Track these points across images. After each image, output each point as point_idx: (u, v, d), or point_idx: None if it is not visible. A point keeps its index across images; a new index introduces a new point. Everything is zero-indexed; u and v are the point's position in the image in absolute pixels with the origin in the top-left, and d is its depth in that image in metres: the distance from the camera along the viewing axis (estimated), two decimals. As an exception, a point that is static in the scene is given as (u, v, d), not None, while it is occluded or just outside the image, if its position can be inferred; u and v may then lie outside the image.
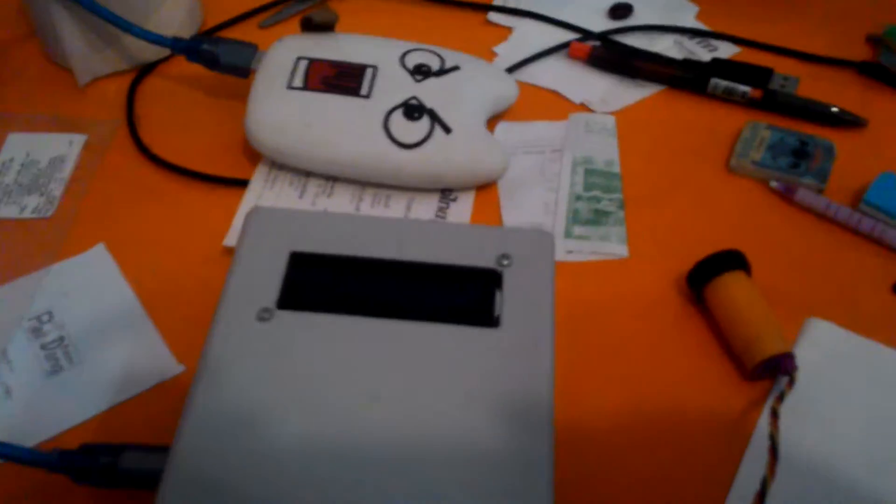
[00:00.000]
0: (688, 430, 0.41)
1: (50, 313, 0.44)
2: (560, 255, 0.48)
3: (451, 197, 0.51)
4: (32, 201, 0.49)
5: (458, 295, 0.39)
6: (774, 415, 0.36)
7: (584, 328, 0.45)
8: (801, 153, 0.52)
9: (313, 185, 0.51)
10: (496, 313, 0.38)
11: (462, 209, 0.50)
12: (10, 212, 0.49)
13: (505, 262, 0.40)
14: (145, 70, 0.58)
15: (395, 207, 0.50)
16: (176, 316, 0.44)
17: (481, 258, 0.41)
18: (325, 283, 0.39)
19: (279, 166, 0.51)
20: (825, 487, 0.38)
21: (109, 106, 0.56)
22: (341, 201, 0.50)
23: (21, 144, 0.52)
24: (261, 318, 0.38)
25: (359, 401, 0.35)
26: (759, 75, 0.56)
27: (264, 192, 0.50)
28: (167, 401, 0.41)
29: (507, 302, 0.39)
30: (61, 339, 0.43)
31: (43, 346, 0.43)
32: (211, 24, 0.62)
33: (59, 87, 0.57)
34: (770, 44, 0.61)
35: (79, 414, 0.40)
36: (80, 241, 0.48)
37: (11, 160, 0.51)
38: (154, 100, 0.56)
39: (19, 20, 0.62)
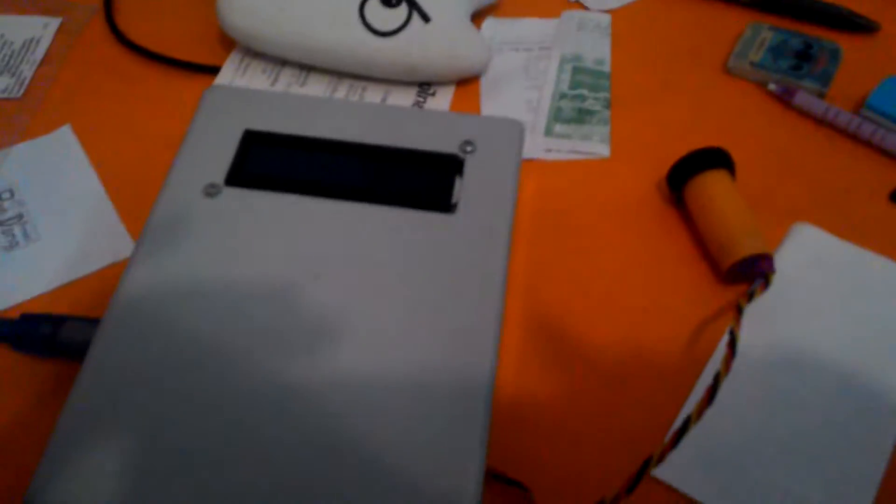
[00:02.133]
0: (657, 332, 0.39)
1: (11, 191, 0.43)
2: (539, 153, 0.46)
3: (430, 91, 0.48)
4: (2, 82, 0.48)
5: (416, 179, 0.38)
6: (738, 311, 0.34)
7: (557, 227, 0.43)
8: (804, 55, 0.49)
9: (287, 74, 0.49)
10: (453, 200, 0.37)
11: (440, 103, 0.48)
12: (-22, 92, 0.48)
13: (468, 149, 0.38)
14: (126, -44, 0.56)
15: (371, 99, 0.48)
16: (136, 199, 0.43)
17: (443, 144, 0.39)
18: (277, 162, 0.38)
19: (253, 54, 0.49)
20: (791, 390, 0.36)
21: (87, -9, 0.54)
22: (315, 91, 0.48)
23: (-7, 25, 0.51)
24: (207, 194, 0.36)
25: (299, 279, 0.34)
26: (768, -25, 0.53)
27: (235, 78, 0.48)
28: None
29: (466, 189, 0.37)
30: (20, 216, 0.42)
31: (0, 223, 0.42)
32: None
33: (38, -29, 0.55)
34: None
35: (31, 289, 0.40)
36: (46, 122, 0.47)
37: (-18, 40, 0.50)
38: (133, -14, 0.55)
39: None
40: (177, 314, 0.33)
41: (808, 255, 0.41)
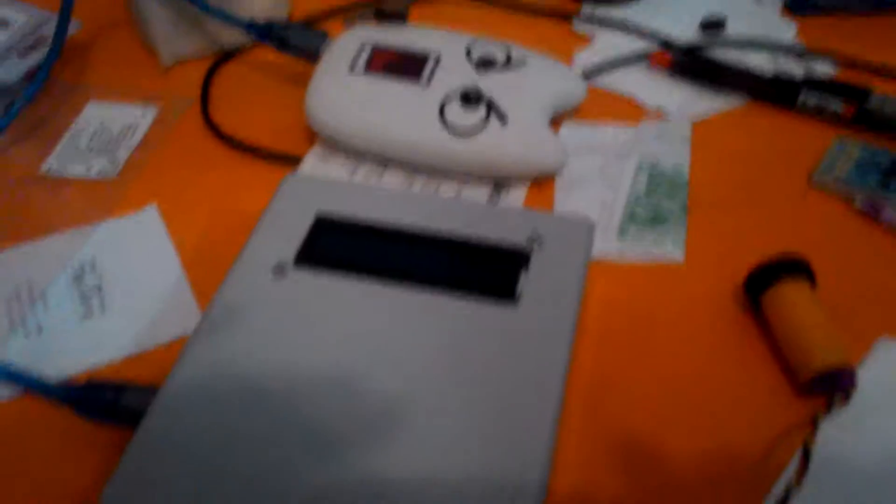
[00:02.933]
0: (729, 446, 0.36)
1: (93, 263, 0.45)
2: (610, 254, 0.45)
3: (504, 188, 0.49)
4: (99, 163, 0.51)
5: (481, 270, 0.37)
6: (814, 423, 0.32)
7: (625, 331, 0.41)
8: (892, 171, 0.47)
9: (365, 168, 0.50)
10: (517, 292, 0.36)
11: (513, 201, 0.48)
12: (77, 171, 0.51)
13: (536, 245, 0.38)
14: (227, 56, 0.60)
15: (445, 194, 0.48)
16: (211, 277, 0.44)
17: (512, 237, 0.39)
18: (346, 246, 0.38)
19: (334, 147, 0.51)
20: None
21: (187, 85, 0.57)
22: (392, 184, 0.49)
23: (98, 112, 0.55)
24: (276, 274, 0.37)
25: (357, 366, 0.34)
26: (855, 95, 0.52)
27: (315, 169, 0.50)
28: (185, 355, 0.41)
29: (532, 283, 0.37)
30: (98, 287, 0.44)
31: (80, 293, 0.43)
32: (297, 17, 0.64)
33: (145, 67, 0.59)
34: (873, 62, 0.56)
35: (101, 357, 0.41)
36: (135, 200, 0.49)
37: (88, 125, 0.54)
38: (230, 82, 0.58)
39: (117, 5, 0.65)
40: (232, 392, 0.33)
41: (892, 373, 0.38)
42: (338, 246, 0.38)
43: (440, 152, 0.48)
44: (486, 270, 0.37)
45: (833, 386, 0.36)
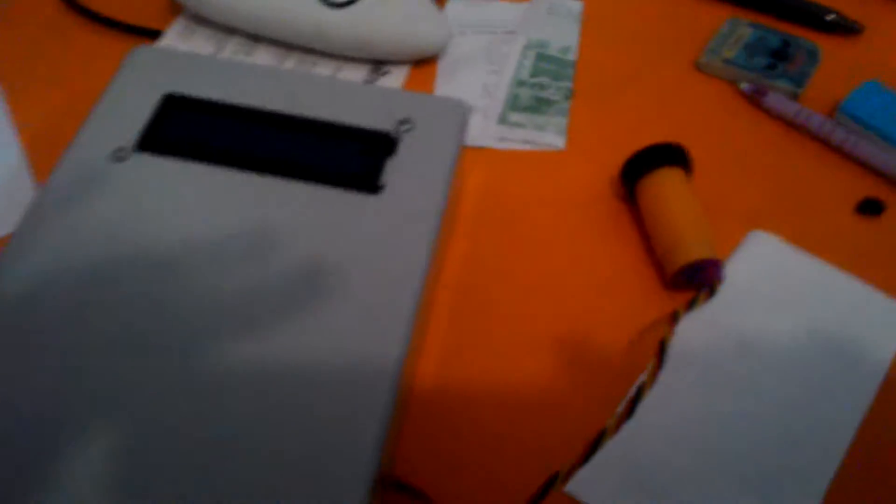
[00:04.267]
0: (594, 337, 0.36)
1: (-75, 148, 0.41)
2: (490, 141, 0.43)
3: (382, 70, 0.46)
4: (-68, 34, 0.46)
5: (344, 156, 0.35)
6: (674, 319, 0.32)
7: (501, 219, 0.40)
8: (780, 54, 0.46)
9: (233, 43, 0.46)
10: (381, 181, 0.34)
11: (392, 83, 0.45)
12: None
13: (405, 128, 0.36)
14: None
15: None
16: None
17: (379, 121, 0.36)
18: (196, 129, 0.35)
19: (199, 20, 0.47)
20: (731, 410, 0.34)
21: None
22: (261, 62, 0.45)
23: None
24: (116, 158, 0.34)
25: (205, 255, 0.31)
26: (752, -30, 0.50)
27: (177, 44, 0.46)
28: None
29: (397, 170, 0.34)
30: (-70, 175, 0.40)
31: None
32: None
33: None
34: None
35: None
36: (-25, 78, 0.44)
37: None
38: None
39: None
40: (61, 283, 0.30)
41: (762, 265, 0.38)
42: (187, 129, 0.35)
43: (314, 25, 0.44)
44: (349, 158, 0.35)
45: (699, 279, 0.36)
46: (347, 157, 0.35)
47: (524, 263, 0.38)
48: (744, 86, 0.45)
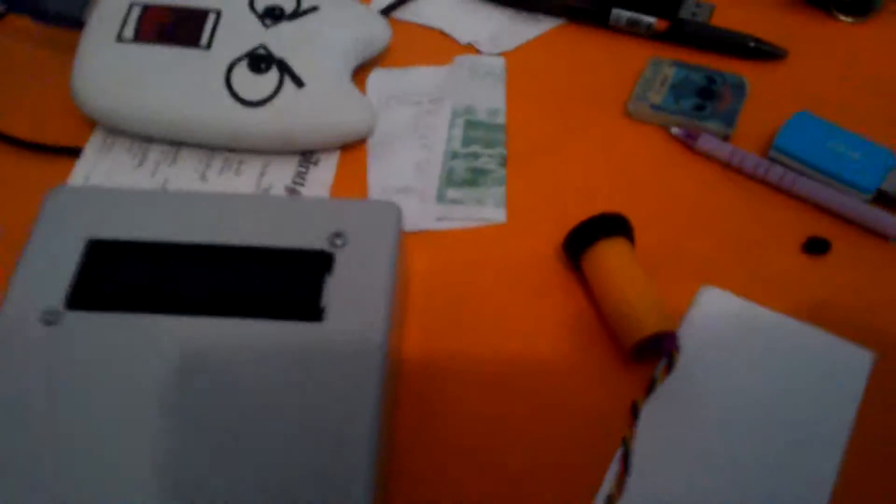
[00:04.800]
0: (561, 420, 0.36)
1: None
2: (430, 223, 0.42)
3: (312, 160, 0.45)
4: None
5: (281, 283, 0.34)
6: (634, 413, 0.32)
7: (451, 305, 0.39)
8: (708, 93, 0.46)
9: (155, 152, 0.45)
10: (322, 304, 0.33)
11: (323, 173, 0.44)
12: None
13: (339, 242, 0.35)
14: (-20, 25, 0.52)
15: (248, 173, 0.44)
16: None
17: (311, 238, 0.35)
18: (125, 276, 0.34)
19: (117, 131, 0.45)
20: (701, 481, 0.34)
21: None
22: (186, 169, 0.44)
23: None
24: (46, 322, 0.32)
25: (154, 417, 0.30)
26: (669, 2, 0.50)
27: (98, 161, 0.44)
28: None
29: (337, 290, 0.34)
30: None
31: None
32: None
33: None
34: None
35: None
36: None
37: None
38: (-12, 59, 0.50)
39: None
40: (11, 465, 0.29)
41: (716, 325, 0.38)
42: (116, 278, 0.34)
43: (233, 127, 0.43)
44: (287, 285, 0.34)
45: (657, 350, 0.36)
46: (284, 284, 0.34)
47: (479, 346, 0.38)
48: (674, 130, 0.45)
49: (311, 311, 0.33)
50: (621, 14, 0.49)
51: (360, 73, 0.48)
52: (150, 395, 0.31)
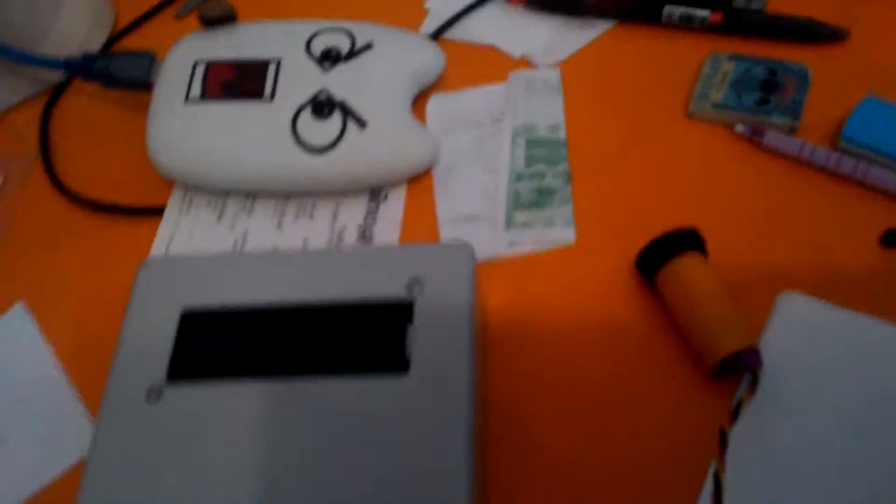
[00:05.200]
0: (648, 445, 0.36)
1: (-29, 389, 0.42)
2: (501, 249, 0.43)
3: (381, 196, 0.46)
4: (-51, 262, 0.47)
5: (366, 337, 0.35)
6: (722, 443, 0.32)
7: (527, 332, 0.40)
8: (770, 85, 0.45)
9: (232, 205, 0.47)
10: (406, 355, 0.35)
11: (393, 209, 0.46)
12: (-72, 277, 0.47)
13: (417, 289, 0.36)
14: (57, 92, 0.54)
15: (321, 217, 0.46)
16: (99, 379, 0.41)
17: (390, 287, 0.36)
18: (218, 343, 0.36)
19: (195, 188, 0.47)
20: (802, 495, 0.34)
21: (23, 137, 0.52)
22: (263, 219, 0.46)
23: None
24: (150, 399, 0.35)
25: (260, 481, 0.32)
26: (720, -5, 0.49)
27: (181, 217, 0.47)
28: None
29: (420, 338, 0.35)
30: (-17, 418, 0.41)
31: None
32: (125, 21, 0.58)
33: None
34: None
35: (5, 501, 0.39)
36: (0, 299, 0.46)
37: (-76, 219, 0.49)
38: (69, 124, 0.53)
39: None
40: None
41: (799, 333, 0.38)
42: (210, 348, 0.36)
43: (303, 174, 0.45)
44: (372, 339, 0.35)
45: (740, 367, 0.36)
46: (369, 338, 0.35)
47: (561, 377, 0.39)
48: (739, 128, 0.44)
49: (397, 363, 0.34)
50: (674, 10, 0.49)
51: (418, 101, 0.49)
52: (247, 459, 0.33)
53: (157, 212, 0.47)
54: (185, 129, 0.45)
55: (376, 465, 0.32)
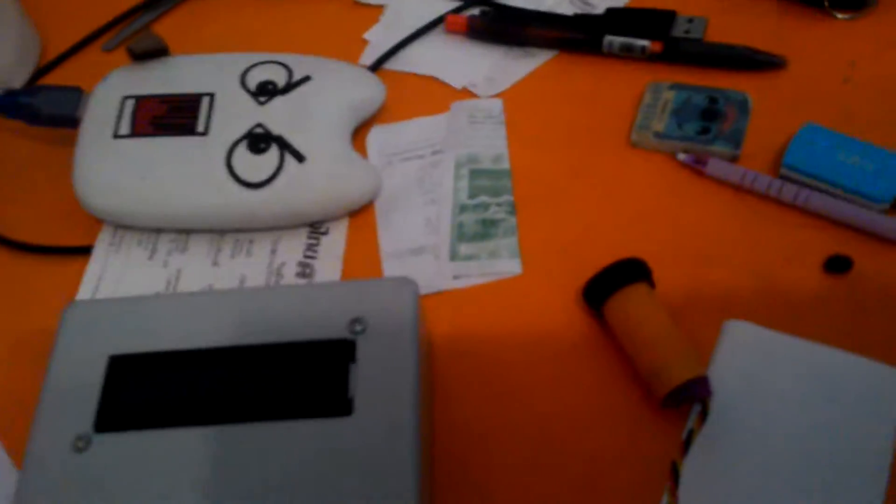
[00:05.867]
0: (597, 476, 0.36)
1: None
2: (446, 283, 0.42)
3: (322, 230, 0.45)
4: None
5: (306, 379, 0.34)
6: (674, 476, 0.31)
7: (474, 365, 0.39)
8: (711, 114, 0.45)
9: (165, 242, 0.45)
10: (349, 396, 0.33)
11: (334, 242, 0.44)
12: None
13: (358, 328, 0.35)
14: (-23, 129, 0.52)
15: (259, 253, 0.44)
16: (25, 423, 0.39)
17: (331, 327, 0.35)
18: (149, 390, 0.34)
19: (125, 226, 0.45)
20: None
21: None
22: (198, 255, 0.44)
23: None
24: (77, 449, 0.33)
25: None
26: (660, 21, 0.49)
27: (110, 257, 0.44)
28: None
29: (363, 378, 0.34)
30: None
31: None
32: (51, 55, 0.56)
33: None
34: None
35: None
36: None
37: None
38: (-10, 162, 0.50)
39: None
40: None
41: (746, 360, 0.37)
42: (140, 394, 0.34)
43: (239, 210, 0.43)
44: (313, 381, 0.34)
45: (689, 397, 0.35)
46: (310, 380, 0.34)
47: (509, 409, 0.38)
48: (681, 157, 0.44)
49: (339, 405, 0.33)
50: (614, 40, 0.49)
51: (359, 133, 0.48)
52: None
53: (85, 251, 0.45)
54: (113, 166, 0.43)
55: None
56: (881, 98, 0.45)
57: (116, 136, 0.44)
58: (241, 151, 0.43)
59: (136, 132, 0.44)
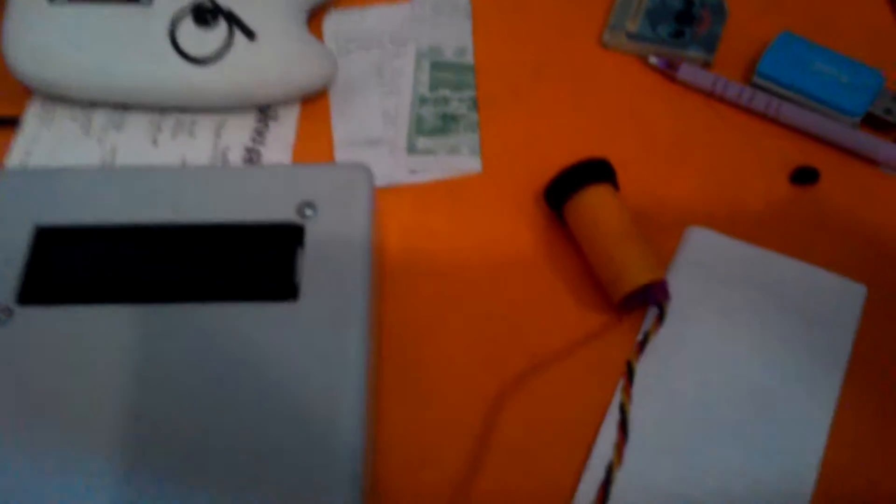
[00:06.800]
0: (552, 376, 0.35)
1: None
2: (402, 176, 0.40)
3: (271, 115, 0.42)
4: None
5: (249, 261, 0.32)
6: (629, 375, 0.30)
7: (429, 261, 0.38)
8: (686, 17, 0.43)
9: (100, 117, 0.42)
10: (296, 281, 0.31)
11: (284, 129, 0.42)
12: None
13: (308, 213, 0.33)
14: None
15: (203, 135, 0.41)
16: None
17: (278, 210, 0.33)
18: (79, 264, 0.32)
19: (57, 98, 0.42)
20: (699, 431, 0.33)
21: None
22: (136, 134, 0.41)
23: None
24: (-1, 322, 0.30)
25: (122, 417, 0.28)
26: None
27: (39, 131, 0.41)
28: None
29: (311, 265, 0.32)
30: None
31: None
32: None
33: None
34: None
35: None
36: None
37: None
38: None
39: None
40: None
41: (705, 267, 0.36)
42: (69, 268, 0.31)
43: (182, 87, 0.40)
44: (257, 263, 0.32)
45: (646, 300, 0.34)
46: (253, 262, 0.32)
47: (463, 307, 0.36)
48: (653, 60, 0.43)
49: (284, 289, 0.31)
50: (590, -65, 0.46)
51: (315, 18, 0.45)
52: (112, 392, 0.29)
53: (12, 122, 0.42)
54: (47, 31, 0.40)
55: (260, 399, 0.29)
56: (861, 9, 0.44)
57: (53, 0, 0.40)
58: (187, 24, 0.40)
59: (71, -5, 0.40)
